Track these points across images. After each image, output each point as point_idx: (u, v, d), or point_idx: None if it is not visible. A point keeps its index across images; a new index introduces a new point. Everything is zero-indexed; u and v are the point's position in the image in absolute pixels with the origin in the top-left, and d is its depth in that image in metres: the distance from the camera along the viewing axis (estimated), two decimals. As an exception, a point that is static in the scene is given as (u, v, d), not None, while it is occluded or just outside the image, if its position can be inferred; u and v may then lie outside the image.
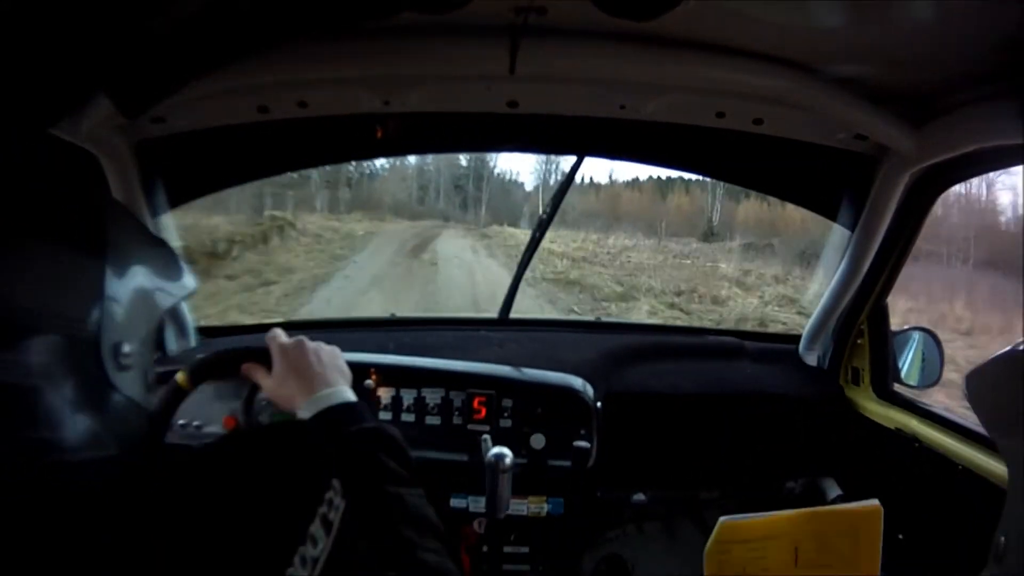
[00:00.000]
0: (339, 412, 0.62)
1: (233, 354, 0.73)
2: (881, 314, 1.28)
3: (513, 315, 1.57)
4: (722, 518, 0.68)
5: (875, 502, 0.64)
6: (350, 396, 0.64)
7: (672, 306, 8.20)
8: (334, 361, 0.69)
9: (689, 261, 11.64)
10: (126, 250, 0.41)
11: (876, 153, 1.08)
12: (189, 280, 0.49)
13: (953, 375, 1.22)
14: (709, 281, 9.68)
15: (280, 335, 0.71)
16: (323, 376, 0.66)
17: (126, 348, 0.38)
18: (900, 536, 1.08)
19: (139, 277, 0.42)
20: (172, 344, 1.30)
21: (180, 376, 0.70)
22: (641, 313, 7.64)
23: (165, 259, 0.47)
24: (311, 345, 0.69)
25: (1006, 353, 0.55)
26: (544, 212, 1.54)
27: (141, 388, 0.41)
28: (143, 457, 0.41)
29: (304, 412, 0.62)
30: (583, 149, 1.31)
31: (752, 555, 0.64)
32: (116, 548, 0.35)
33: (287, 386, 0.66)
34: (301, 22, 0.82)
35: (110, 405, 0.38)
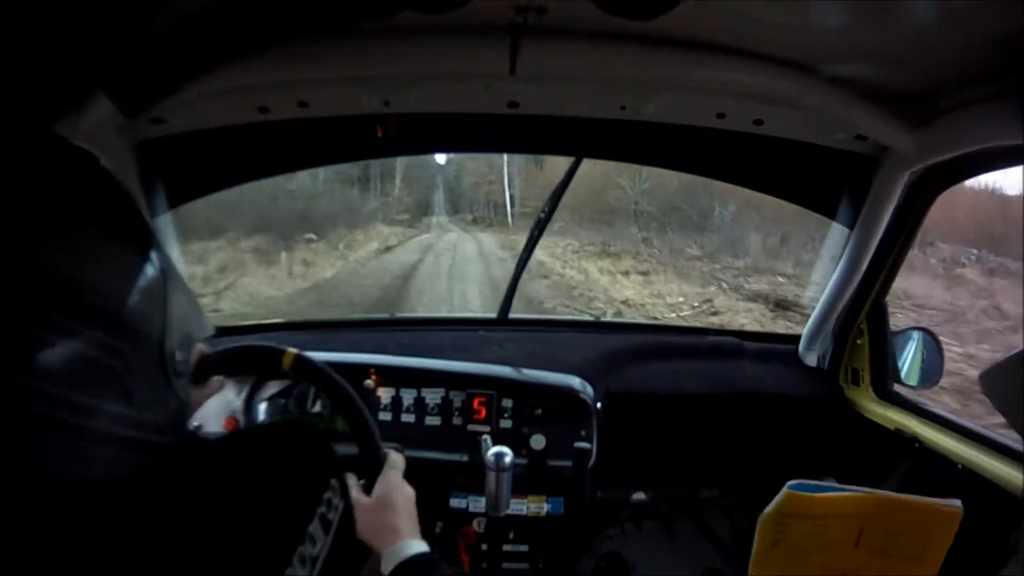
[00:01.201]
0: (418, 563, 0.67)
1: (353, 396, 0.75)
2: (880, 314, 1.28)
3: (512, 315, 1.57)
4: (789, 483, 0.62)
5: (957, 503, 0.60)
6: (423, 547, 0.69)
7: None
8: (412, 508, 0.74)
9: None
10: (175, 274, 0.45)
11: (876, 153, 1.09)
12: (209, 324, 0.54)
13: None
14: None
15: (401, 463, 0.76)
16: (405, 525, 0.71)
17: (179, 356, 0.43)
18: None
19: (184, 299, 0.45)
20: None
21: (287, 358, 0.73)
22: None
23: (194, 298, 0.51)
24: (411, 492, 0.75)
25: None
26: (543, 212, 1.54)
27: (187, 394, 0.44)
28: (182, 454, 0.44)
29: (386, 561, 0.67)
30: (583, 150, 1.30)
31: (813, 531, 0.60)
32: (128, 544, 0.36)
33: (375, 519, 0.70)
34: (301, 22, 0.82)
35: (167, 403, 0.41)
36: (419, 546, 0.69)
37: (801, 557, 0.60)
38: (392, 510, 0.71)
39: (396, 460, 0.76)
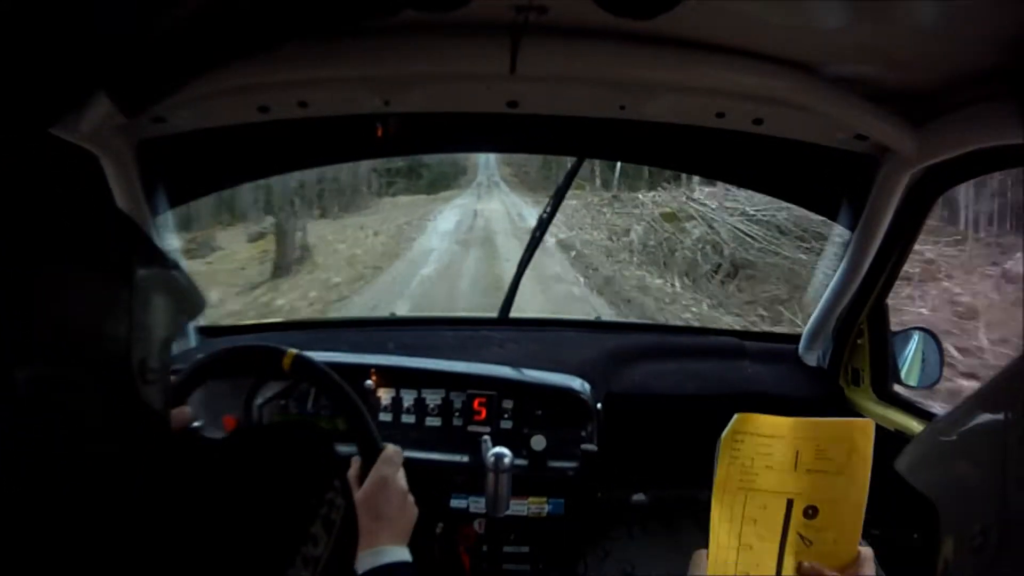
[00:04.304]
0: (390, 572, 0.67)
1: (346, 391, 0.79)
2: (881, 314, 1.27)
3: (513, 315, 1.57)
4: (737, 414, 0.72)
5: (868, 420, 0.68)
6: (402, 555, 0.68)
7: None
8: (409, 514, 0.74)
9: None
10: (148, 268, 0.42)
11: (876, 153, 1.08)
12: (202, 299, 0.50)
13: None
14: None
15: (398, 459, 0.77)
16: (396, 528, 0.71)
17: (151, 364, 0.39)
18: (915, 535, 1.07)
19: (161, 295, 0.42)
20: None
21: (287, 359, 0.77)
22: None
23: (180, 278, 0.48)
24: (403, 490, 0.75)
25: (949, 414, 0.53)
26: (544, 211, 1.54)
27: (162, 401, 0.42)
28: (165, 463, 0.42)
29: (360, 563, 0.65)
30: (583, 149, 1.30)
31: (761, 449, 0.70)
32: (130, 550, 0.36)
33: (360, 514, 0.69)
34: (301, 22, 0.82)
35: (138, 418, 0.39)
36: (397, 553, 0.67)
37: (752, 473, 0.70)
38: (376, 512, 0.70)
39: (391, 454, 0.76)
